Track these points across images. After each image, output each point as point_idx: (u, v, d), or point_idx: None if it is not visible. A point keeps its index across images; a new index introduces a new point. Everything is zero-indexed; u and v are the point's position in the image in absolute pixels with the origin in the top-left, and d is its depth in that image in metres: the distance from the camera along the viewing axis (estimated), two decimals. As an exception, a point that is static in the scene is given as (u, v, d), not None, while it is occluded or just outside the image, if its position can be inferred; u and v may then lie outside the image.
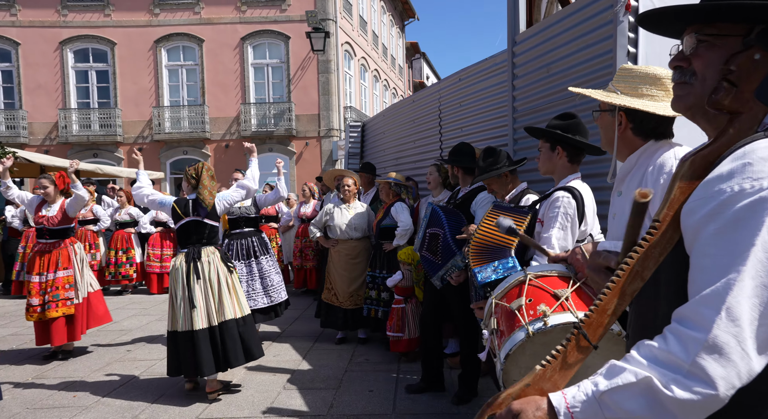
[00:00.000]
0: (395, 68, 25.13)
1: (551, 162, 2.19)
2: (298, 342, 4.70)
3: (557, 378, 0.85)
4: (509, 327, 1.37)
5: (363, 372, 3.85)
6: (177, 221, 3.48)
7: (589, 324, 0.85)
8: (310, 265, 6.88)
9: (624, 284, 0.84)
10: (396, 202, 4.41)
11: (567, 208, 2.02)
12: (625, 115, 1.45)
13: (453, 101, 4.53)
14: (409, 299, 4.08)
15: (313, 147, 16.69)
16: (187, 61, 16.54)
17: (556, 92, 2.95)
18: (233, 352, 3.36)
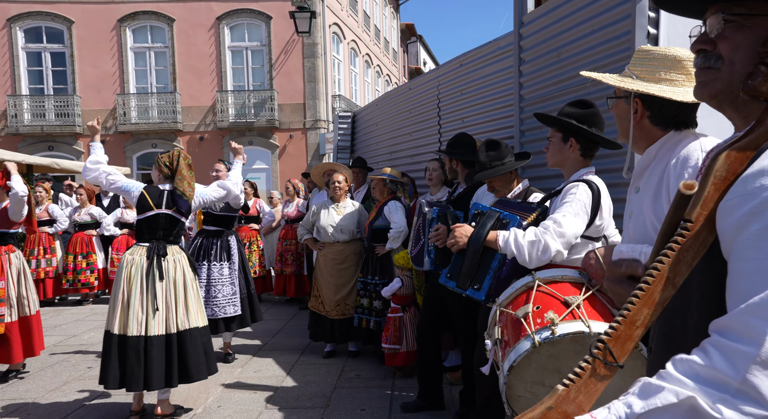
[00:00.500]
0: (389, 53, 25.16)
1: (562, 154, 2.20)
2: (281, 357, 4.70)
3: (582, 399, 0.84)
4: (514, 336, 1.39)
5: (354, 389, 3.86)
6: (143, 212, 3.40)
7: (615, 337, 0.84)
8: (289, 271, 6.87)
9: (654, 292, 0.84)
10: (390, 200, 4.43)
11: (583, 197, 2.05)
12: (641, 101, 1.46)
13: (453, 89, 4.56)
14: (408, 308, 4.10)
15: (298, 140, 16.67)
16: (155, 42, 16.44)
17: (568, 79, 2.98)
18: (195, 364, 3.31)
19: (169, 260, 3.38)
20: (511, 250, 2.02)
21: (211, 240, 4.49)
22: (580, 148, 2.16)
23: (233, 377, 4.18)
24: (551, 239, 1.96)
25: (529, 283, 1.45)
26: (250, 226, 7.17)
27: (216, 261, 4.43)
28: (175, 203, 3.41)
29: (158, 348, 3.22)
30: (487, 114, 4.06)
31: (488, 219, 2.18)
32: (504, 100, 3.81)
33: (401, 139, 5.67)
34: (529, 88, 3.41)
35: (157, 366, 3.20)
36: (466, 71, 4.31)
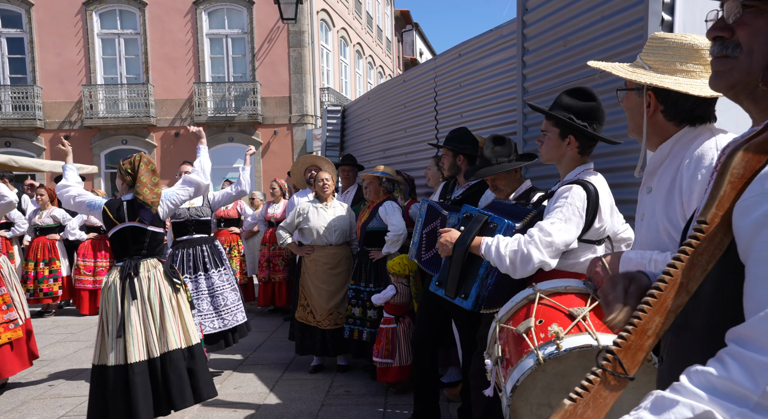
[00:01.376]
0: (382, 42, 25.25)
1: (558, 150, 2.22)
2: (264, 372, 4.69)
3: (591, 415, 0.86)
4: (516, 353, 1.41)
5: (343, 407, 3.87)
6: (110, 228, 3.40)
7: (626, 347, 0.86)
8: (279, 278, 6.87)
9: (667, 299, 0.85)
10: (385, 200, 4.45)
11: (575, 199, 2.07)
12: (655, 95, 1.49)
13: (451, 81, 4.59)
14: (402, 318, 4.12)
15: (283, 136, 16.68)
16: (125, 28, 16.40)
17: (575, 70, 3.02)
18: (179, 391, 3.29)
19: (143, 277, 3.36)
20: (492, 259, 2.08)
21: (199, 248, 4.52)
22: (579, 146, 2.19)
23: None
24: (535, 249, 2.00)
25: (530, 296, 1.47)
26: (230, 230, 7.15)
27: (213, 269, 4.49)
28: (137, 213, 3.37)
29: (142, 376, 3.20)
30: (487, 108, 4.09)
31: (475, 223, 2.23)
32: (506, 93, 3.84)
33: (395, 135, 5.70)
34: (533, 79, 3.45)
35: (143, 396, 3.18)
36: (466, 62, 4.35)
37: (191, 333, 3.45)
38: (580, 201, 2.06)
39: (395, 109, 5.70)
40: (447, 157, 3.40)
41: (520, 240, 2.04)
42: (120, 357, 3.20)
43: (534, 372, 1.25)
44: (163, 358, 3.28)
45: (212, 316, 4.41)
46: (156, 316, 3.32)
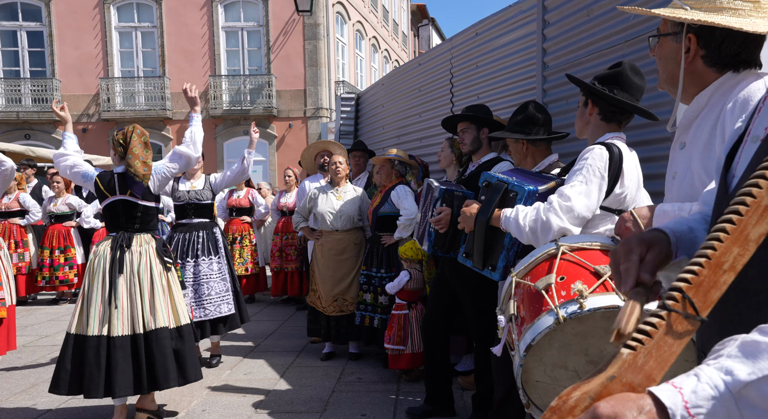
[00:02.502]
0: (398, 36, 25.11)
1: (582, 119, 2.18)
2: (274, 359, 4.63)
3: (653, 366, 0.71)
4: (533, 311, 1.30)
5: (354, 393, 3.78)
6: (102, 200, 3.35)
7: (697, 284, 0.71)
8: (291, 267, 6.80)
9: (747, 225, 0.70)
10: (397, 184, 4.35)
11: (596, 161, 1.97)
12: (696, 38, 1.35)
13: (468, 61, 4.48)
14: (414, 304, 4.01)
15: (298, 129, 16.65)
16: (142, 22, 16.49)
17: (599, 40, 2.89)
18: (163, 370, 3.18)
19: (134, 251, 3.28)
20: (513, 232, 2.03)
21: (195, 234, 4.35)
22: (599, 111, 2.10)
23: (220, 380, 4.11)
24: (554, 216, 1.91)
25: (552, 250, 1.34)
26: (242, 219, 7.10)
27: (204, 256, 4.31)
28: (128, 186, 3.29)
29: (123, 351, 3.11)
30: (505, 88, 3.97)
31: (494, 193, 2.16)
32: (525, 70, 3.72)
33: (410, 120, 5.59)
34: (553, 53, 3.32)
35: (122, 371, 3.09)
36: (483, 41, 4.23)
37: (181, 313, 3.35)
38: (601, 161, 1.95)
39: (410, 94, 5.60)
40: (469, 131, 3.22)
41: (539, 208, 1.96)
42: (103, 329, 3.12)
43: (552, 331, 1.13)
44: (149, 335, 3.19)
45: (193, 305, 4.20)
46: (144, 292, 3.24)
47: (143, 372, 3.15)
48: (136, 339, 3.17)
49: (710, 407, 0.63)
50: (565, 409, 0.70)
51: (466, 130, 3.24)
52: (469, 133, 3.23)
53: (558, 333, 1.25)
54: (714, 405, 0.63)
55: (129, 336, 3.16)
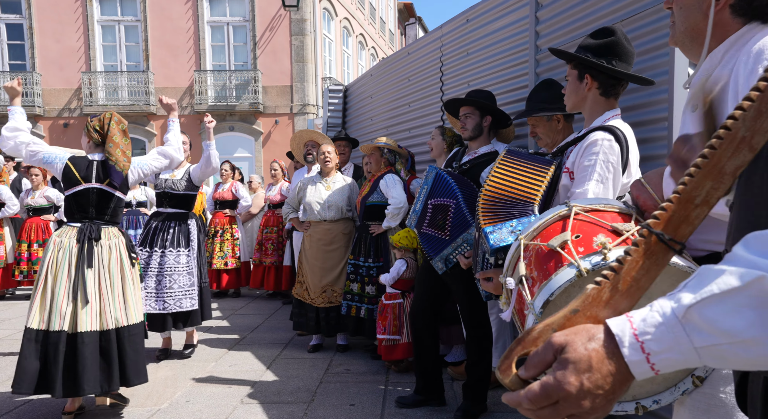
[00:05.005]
0: (385, 34, 25.05)
1: (578, 94, 2.05)
2: (260, 350, 4.53)
3: (619, 300, 0.71)
4: (548, 269, 1.22)
5: (342, 384, 3.70)
6: (70, 186, 3.16)
7: (665, 219, 0.71)
8: (268, 261, 6.69)
9: (722, 158, 0.69)
10: (386, 173, 4.28)
11: (608, 155, 1.88)
12: None
13: (458, 49, 4.41)
14: (408, 293, 3.95)
15: (284, 125, 16.50)
16: (125, 15, 16.22)
17: (594, 20, 2.84)
18: (134, 366, 3.08)
19: (104, 244, 3.14)
20: None
21: (169, 224, 4.20)
22: (599, 85, 2.00)
23: (205, 371, 4.01)
24: None
25: (563, 212, 1.27)
26: (224, 212, 6.98)
27: (173, 248, 4.14)
28: (107, 175, 3.18)
29: (92, 347, 2.98)
30: (498, 74, 3.91)
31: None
32: (518, 56, 3.67)
33: (399, 110, 5.52)
34: (547, 36, 3.27)
35: (90, 367, 2.95)
36: (474, 27, 4.17)
37: (140, 309, 3.28)
38: (613, 155, 1.85)
39: (399, 84, 5.52)
40: (473, 117, 3.16)
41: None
42: (66, 324, 2.96)
43: (572, 285, 1.05)
44: (121, 332, 3.07)
45: (153, 296, 4.06)
46: (115, 287, 3.12)
47: (114, 369, 3.02)
48: (107, 335, 3.03)
49: (657, 333, 0.64)
50: (529, 340, 0.73)
51: (469, 116, 3.17)
52: (472, 118, 3.17)
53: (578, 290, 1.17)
54: (661, 330, 0.64)
55: (98, 331, 3.02)
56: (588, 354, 0.67)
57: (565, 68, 3.01)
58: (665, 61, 2.41)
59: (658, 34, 2.46)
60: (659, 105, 2.46)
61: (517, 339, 0.75)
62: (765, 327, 0.59)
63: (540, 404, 0.68)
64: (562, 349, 0.69)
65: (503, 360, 0.75)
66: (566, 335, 0.70)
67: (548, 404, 0.68)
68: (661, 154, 2.46)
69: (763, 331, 0.59)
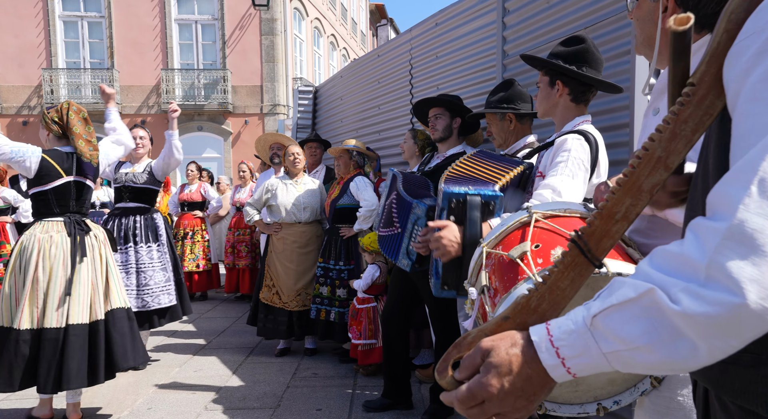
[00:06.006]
0: (356, 35, 25.03)
1: (549, 100, 2.09)
2: (226, 355, 4.45)
3: (546, 307, 0.77)
4: (507, 281, 1.23)
5: (309, 389, 3.67)
6: (49, 181, 3.06)
7: (590, 233, 0.76)
8: (242, 264, 6.60)
9: (640, 177, 0.73)
10: (355, 175, 4.26)
11: (579, 152, 1.91)
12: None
13: (428, 52, 4.43)
14: (381, 296, 3.93)
15: (254, 126, 16.31)
16: (89, 11, 15.79)
17: (559, 27, 2.89)
18: (122, 351, 3.00)
19: (92, 235, 3.14)
20: None
21: (133, 219, 4.05)
22: (570, 91, 2.04)
23: (168, 377, 3.92)
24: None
25: (524, 219, 1.28)
26: (193, 214, 6.86)
27: (143, 243, 4.02)
28: (80, 167, 3.13)
29: (81, 339, 2.92)
30: (466, 78, 3.94)
31: (473, 210, 1.88)
32: (485, 60, 3.70)
33: (369, 112, 5.51)
34: (513, 41, 3.31)
35: (78, 361, 2.89)
36: (443, 30, 4.19)
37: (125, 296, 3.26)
38: (584, 153, 1.89)
39: (369, 86, 5.51)
40: (443, 118, 3.17)
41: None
42: (62, 319, 2.91)
43: None
44: (106, 316, 3.04)
45: (133, 294, 3.94)
46: (102, 277, 3.10)
47: (100, 361, 2.96)
48: (95, 327, 2.99)
49: (571, 339, 0.68)
50: (465, 344, 0.79)
51: (439, 116, 3.19)
52: (442, 119, 3.18)
53: None
54: (574, 337, 0.68)
55: (87, 324, 2.97)
56: (509, 358, 0.72)
57: (531, 73, 3.08)
58: (627, 68, 2.47)
59: (620, 41, 2.52)
60: (621, 111, 2.51)
61: (454, 343, 0.80)
62: (655, 334, 0.63)
63: (468, 404, 0.74)
64: (488, 353, 0.74)
65: (441, 362, 0.80)
66: (492, 340, 0.75)
67: (475, 404, 0.73)
68: (624, 159, 2.51)
69: (653, 339, 0.63)
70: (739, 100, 0.64)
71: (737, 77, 0.64)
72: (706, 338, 0.60)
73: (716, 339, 0.59)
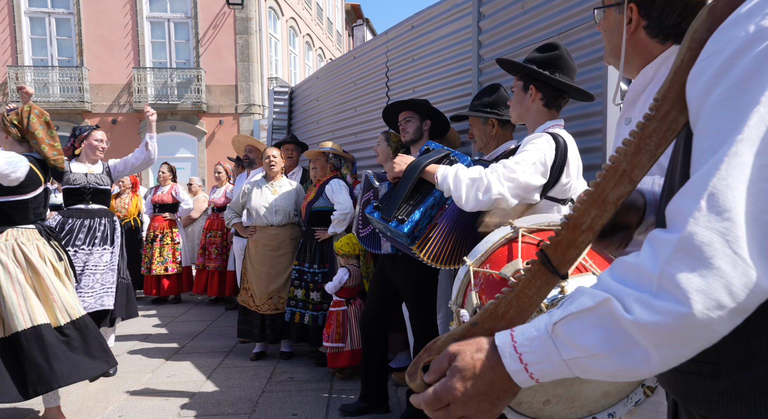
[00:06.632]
0: (332, 35, 24.94)
1: (523, 105, 2.13)
2: (200, 360, 4.38)
3: (513, 314, 0.79)
4: None
5: (285, 393, 3.63)
6: (34, 189, 2.99)
7: (556, 243, 0.78)
8: (212, 266, 6.50)
9: (605, 189, 0.75)
10: (332, 178, 4.24)
11: (544, 147, 1.95)
12: (637, 7, 1.34)
13: (404, 54, 4.43)
14: (353, 300, 3.92)
15: (229, 126, 16.11)
16: (57, 7, 15.39)
17: (534, 32, 2.92)
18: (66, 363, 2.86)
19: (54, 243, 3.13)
20: (448, 185, 1.93)
21: (98, 221, 3.94)
22: (542, 96, 2.08)
23: (141, 383, 3.84)
24: (496, 180, 1.86)
25: (509, 235, 1.28)
26: (163, 216, 6.73)
27: (98, 246, 3.90)
28: (49, 173, 3.15)
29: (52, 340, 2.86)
30: (442, 81, 3.95)
31: (435, 153, 2.08)
32: (461, 64, 3.72)
33: (345, 114, 5.49)
34: (489, 46, 3.33)
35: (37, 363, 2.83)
36: (419, 34, 4.20)
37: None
38: (549, 149, 1.93)
39: (345, 87, 5.49)
40: (413, 121, 3.20)
41: (481, 170, 1.90)
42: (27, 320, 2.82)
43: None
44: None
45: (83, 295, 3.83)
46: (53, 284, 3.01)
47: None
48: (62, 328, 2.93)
49: (533, 346, 0.70)
50: (434, 349, 0.81)
51: (410, 119, 3.21)
52: (412, 122, 3.20)
53: None
54: (536, 344, 0.70)
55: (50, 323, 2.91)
56: (473, 363, 0.74)
57: (507, 78, 3.10)
58: (599, 74, 2.51)
59: (593, 48, 2.56)
60: (594, 117, 2.55)
61: (425, 348, 0.82)
62: (611, 343, 0.65)
63: (434, 406, 0.76)
64: (455, 357, 0.76)
65: (412, 365, 0.82)
66: (459, 345, 0.77)
67: (441, 407, 0.75)
68: (597, 163, 2.55)
69: (610, 347, 0.65)
70: (700, 118, 0.66)
71: (698, 95, 0.66)
72: (657, 346, 0.62)
73: (667, 347, 0.61)
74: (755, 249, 0.57)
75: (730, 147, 0.60)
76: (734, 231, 0.58)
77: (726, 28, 0.66)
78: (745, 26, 0.62)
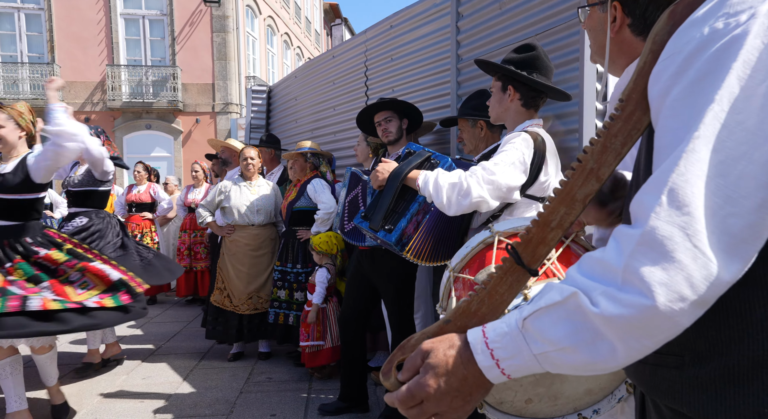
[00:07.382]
0: (311, 34, 24.83)
1: (501, 105, 2.16)
2: (177, 361, 4.32)
3: (485, 311, 0.80)
4: None
5: (263, 394, 3.60)
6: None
7: (526, 241, 0.80)
8: (201, 266, 6.42)
9: (573, 187, 0.77)
10: (313, 178, 4.22)
11: (522, 146, 1.98)
12: (621, 6, 1.34)
13: (383, 54, 4.43)
14: (330, 298, 3.90)
15: (206, 124, 15.92)
16: (26, 3, 15.01)
17: (512, 33, 2.94)
18: None
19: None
20: (429, 191, 1.96)
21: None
22: (521, 96, 2.11)
23: (115, 385, 3.76)
24: (476, 183, 1.88)
25: (488, 239, 1.30)
26: (142, 215, 6.62)
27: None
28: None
29: None
30: (421, 81, 3.96)
31: (416, 157, 2.11)
32: (440, 64, 3.73)
33: (324, 113, 5.47)
34: (467, 46, 3.35)
35: None
36: (398, 33, 4.20)
37: None
38: (527, 148, 1.96)
39: (324, 87, 5.47)
40: (394, 120, 3.21)
41: (460, 174, 1.92)
42: None
43: None
44: None
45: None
46: None
47: None
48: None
49: (504, 341, 0.71)
50: (408, 347, 0.81)
51: (391, 119, 3.22)
52: (394, 121, 3.22)
53: None
54: (507, 340, 0.71)
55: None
56: (446, 359, 0.74)
57: (485, 78, 3.12)
58: (576, 75, 2.54)
59: (570, 49, 2.59)
60: (571, 117, 2.58)
61: (399, 346, 0.82)
62: (577, 336, 0.66)
63: (408, 404, 0.76)
64: (428, 355, 0.76)
65: (386, 364, 0.82)
66: (432, 342, 0.77)
67: (415, 404, 0.75)
68: (573, 162, 2.59)
69: (577, 340, 0.66)
70: (660, 117, 0.68)
71: (659, 95, 0.69)
72: (623, 339, 0.63)
73: (632, 339, 0.63)
74: (715, 242, 0.59)
75: (687, 144, 0.62)
76: (694, 225, 0.59)
77: (684, 30, 0.68)
78: (701, 28, 0.65)
